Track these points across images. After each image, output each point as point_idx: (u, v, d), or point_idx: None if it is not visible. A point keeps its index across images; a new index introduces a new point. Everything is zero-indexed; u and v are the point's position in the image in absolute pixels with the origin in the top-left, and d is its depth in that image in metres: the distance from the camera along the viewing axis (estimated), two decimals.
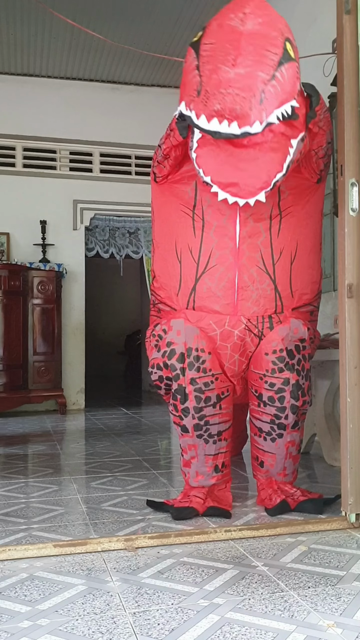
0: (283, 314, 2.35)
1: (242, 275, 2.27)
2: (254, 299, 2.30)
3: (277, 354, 2.31)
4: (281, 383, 2.31)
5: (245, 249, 2.27)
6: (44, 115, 6.45)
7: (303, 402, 2.35)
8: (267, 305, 2.33)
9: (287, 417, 2.33)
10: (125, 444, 4.09)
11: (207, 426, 2.35)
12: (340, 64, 2.21)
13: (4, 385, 5.64)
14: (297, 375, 2.32)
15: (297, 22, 4.50)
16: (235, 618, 1.47)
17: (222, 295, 2.29)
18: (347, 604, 1.54)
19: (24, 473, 3.22)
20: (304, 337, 2.36)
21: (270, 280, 2.31)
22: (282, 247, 2.32)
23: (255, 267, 2.28)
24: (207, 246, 2.29)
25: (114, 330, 11.58)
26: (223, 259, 2.28)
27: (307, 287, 2.41)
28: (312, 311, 2.48)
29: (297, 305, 2.40)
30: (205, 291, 2.31)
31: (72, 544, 1.98)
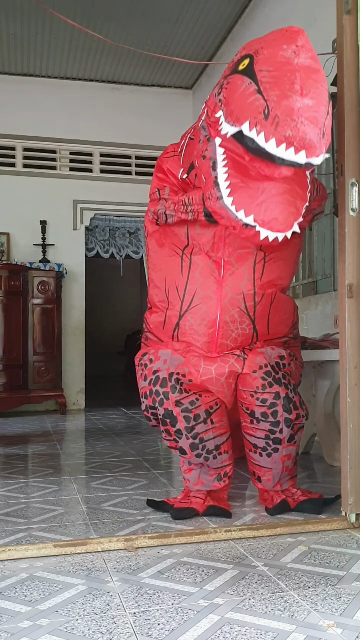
0: (257, 344, 2.44)
1: (223, 315, 2.35)
2: (232, 338, 2.39)
3: (264, 369, 2.34)
4: (272, 398, 2.31)
5: (228, 291, 2.34)
6: (44, 115, 6.45)
7: (297, 416, 2.33)
8: (244, 342, 2.42)
9: (281, 431, 2.31)
10: (125, 444, 4.09)
11: (202, 443, 2.35)
12: (340, 64, 2.21)
13: (4, 385, 5.64)
14: (285, 388, 2.33)
15: (297, 22, 4.50)
16: (235, 618, 1.47)
17: (202, 333, 2.38)
18: (347, 604, 1.54)
19: (24, 473, 3.22)
20: (282, 355, 2.42)
21: (250, 321, 2.38)
22: (264, 290, 2.38)
23: (237, 308, 2.35)
24: (193, 285, 2.37)
25: (114, 330, 11.58)
26: (206, 299, 2.35)
27: (282, 323, 2.48)
28: (286, 341, 2.53)
29: (271, 338, 2.47)
30: (188, 328, 2.40)
31: (72, 544, 1.98)
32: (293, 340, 2.58)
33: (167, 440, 2.41)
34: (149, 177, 6.67)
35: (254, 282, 2.35)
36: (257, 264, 2.34)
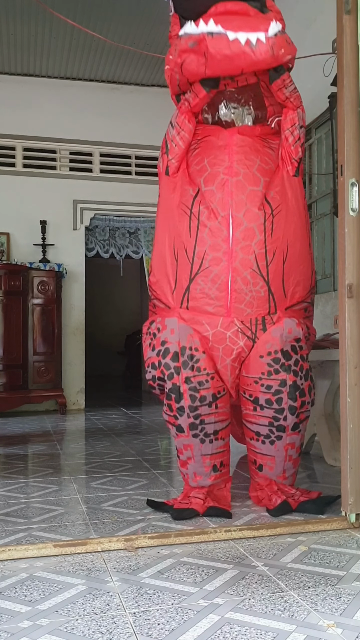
0: (276, 315, 2.34)
1: (235, 278, 2.26)
2: (247, 302, 2.28)
3: (272, 356, 2.29)
4: (278, 385, 2.29)
5: (239, 251, 2.26)
6: (44, 115, 6.44)
7: (302, 403, 2.32)
8: (260, 307, 2.30)
9: (285, 419, 2.31)
10: (125, 444, 4.09)
11: (202, 425, 2.33)
12: (340, 64, 2.21)
13: (4, 385, 5.64)
14: (294, 376, 2.30)
15: (297, 22, 4.50)
16: (235, 618, 1.47)
17: (215, 297, 2.28)
18: (347, 604, 1.54)
19: (24, 473, 3.22)
20: (299, 337, 2.34)
21: (264, 282, 2.29)
22: (275, 247, 2.30)
23: (249, 269, 2.27)
24: (202, 247, 2.29)
25: (114, 330, 11.58)
26: (216, 261, 2.27)
27: (299, 284, 2.39)
28: (306, 308, 2.46)
29: (290, 304, 2.38)
30: (199, 292, 2.30)
31: (72, 544, 1.98)
32: (311, 306, 2.51)
33: (167, 414, 2.39)
34: (149, 177, 6.71)
35: (264, 240, 2.27)
36: (267, 220, 2.28)
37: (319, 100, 3.99)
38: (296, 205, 2.38)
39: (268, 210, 2.29)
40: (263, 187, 2.29)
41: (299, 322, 2.36)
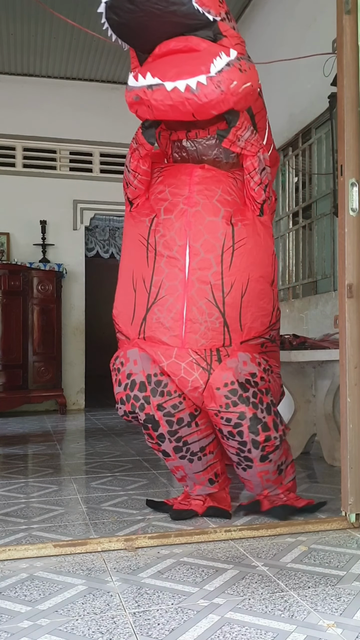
0: (231, 347, 2.26)
1: (190, 307, 2.22)
2: (202, 332, 2.22)
3: (229, 387, 2.18)
4: (237, 417, 2.19)
5: (195, 280, 2.22)
6: (44, 115, 6.44)
7: (266, 437, 2.20)
8: (215, 339, 2.24)
9: (250, 451, 2.23)
10: (125, 444, 4.09)
11: (187, 446, 2.30)
12: (340, 64, 2.21)
13: (3, 385, 5.64)
14: (253, 408, 2.19)
15: (297, 22, 4.50)
16: (235, 618, 1.47)
17: (170, 326, 2.24)
18: (347, 604, 1.54)
19: (24, 473, 3.22)
20: (254, 372, 2.24)
21: (219, 313, 2.23)
22: (233, 280, 2.24)
23: (205, 299, 2.22)
24: (159, 277, 2.26)
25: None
26: (172, 290, 2.23)
27: (257, 320, 2.30)
28: (263, 343, 2.36)
29: (246, 338, 2.29)
30: (155, 322, 2.26)
31: (72, 544, 1.98)
32: (271, 343, 2.41)
33: (149, 442, 2.35)
34: None
35: (222, 271, 2.23)
36: (225, 252, 2.24)
37: (319, 100, 3.99)
38: (263, 242, 2.33)
39: (229, 242, 2.24)
40: (224, 217, 2.25)
41: (253, 357, 2.27)
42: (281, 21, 4.80)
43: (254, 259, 2.28)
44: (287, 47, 4.55)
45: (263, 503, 2.34)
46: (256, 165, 2.28)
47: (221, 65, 2.00)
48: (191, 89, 1.98)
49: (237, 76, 2.02)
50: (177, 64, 2.05)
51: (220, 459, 2.43)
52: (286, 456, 2.36)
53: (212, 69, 1.98)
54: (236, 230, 2.25)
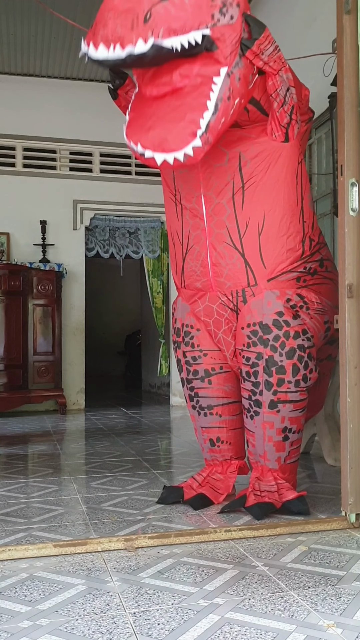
0: (257, 287, 2.30)
1: (212, 252, 2.34)
2: (226, 274, 2.33)
3: (251, 328, 2.29)
4: (255, 357, 2.28)
5: (213, 226, 2.32)
6: (44, 115, 6.44)
7: (279, 381, 2.25)
8: (238, 279, 2.32)
9: (261, 393, 2.28)
10: (125, 444, 4.09)
11: (197, 398, 2.50)
12: (340, 64, 2.21)
13: (4, 385, 5.64)
14: (271, 350, 2.24)
15: (297, 22, 4.50)
16: (235, 618, 1.47)
17: (200, 273, 2.39)
18: (347, 604, 1.54)
19: (24, 473, 3.22)
20: (279, 310, 2.25)
21: (239, 255, 2.30)
22: (248, 220, 2.28)
23: (223, 243, 2.31)
24: (186, 228, 2.41)
25: (114, 330, 11.57)
26: (198, 239, 2.37)
27: (282, 255, 2.29)
28: (299, 277, 2.34)
29: (273, 275, 2.30)
30: (189, 270, 2.43)
31: (72, 544, 1.98)
32: (310, 276, 2.37)
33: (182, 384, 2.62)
34: (149, 177, 6.71)
35: (234, 213, 2.28)
36: (236, 194, 2.27)
37: (319, 100, 3.99)
38: (285, 173, 2.29)
39: (238, 184, 2.27)
40: (230, 160, 2.25)
41: (281, 295, 2.27)
42: (281, 21, 4.80)
43: (270, 194, 2.27)
44: (287, 47, 4.54)
45: (248, 498, 2.32)
46: (278, 84, 2.19)
47: (208, 117, 1.94)
48: (179, 160, 1.94)
49: (225, 110, 1.98)
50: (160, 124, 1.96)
51: (228, 428, 2.50)
52: (297, 425, 2.33)
53: (199, 133, 1.93)
54: (244, 170, 2.26)
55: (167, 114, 1.96)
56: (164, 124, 1.96)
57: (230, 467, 2.54)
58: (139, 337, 9.99)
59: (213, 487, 2.46)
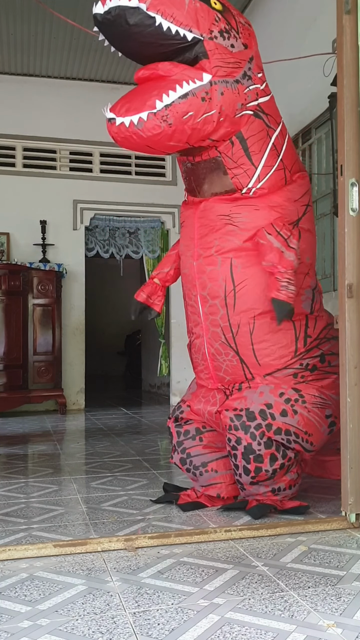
0: (254, 381, 2.36)
1: (210, 349, 2.42)
2: (224, 370, 2.40)
3: (237, 412, 2.29)
4: (234, 441, 2.28)
5: (209, 325, 2.39)
6: (44, 115, 6.44)
7: (257, 469, 2.25)
8: (236, 375, 2.38)
9: (241, 476, 2.30)
10: (125, 444, 4.09)
11: (189, 459, 2.48)
12: (340, 64, 2.21)
13: (4, 385, 5.64)
14: (250, 438, 2.24)
15: (297, 22, 4.50)
16: (235, 618, 1.47)
17: (202, 366, 2.48)
18: (347, 604, 1.54)
19: (24, 473, 3.22)
20: (269, 403, 2.27)
21: (234, 352, 2.35)
22: (239, 321, 2.32)
23: (219, 341, 2.38)
24: (189, 323, 2.53)
25: (114, 330, 11.58)
26: (198, 335, 2.47)
27: (274, 353, 2.33)
28: (295, 374, 2.35)
29: (269, 371, 2.34)
30: (194, 361, 2.54)
31: (72, 544, 1.98)
32: (309, 372, 2.37)
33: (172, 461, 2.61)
34: (149, 177, 6.71)
35: (227, 314, 2.33)
36: (228, 296, 2.32)
37: (319, 100, 3.99)
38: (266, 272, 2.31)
39: (230, 287, 2.32)
40: (222, 265, 2.32)
41: (276, 389, 2.30)
42: (281, 21, 4.80)
43: (259, 297, 2.31)
44: (287, 47, 4.55)
45: (250, 502, 2.36)
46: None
47: (173, 97, 2.03)
48: (134, 125, 2.04)
49: (196, 106, 2.07)
50: (132, 97, 2.11)
51: (227, 483, 2.47)
52: (287, 485, 2.33)
53: (157, 105, 2.02)
54: (235, 274, 2.33)
55: (141, 92, 2.10)
56: (133, 96, 2.11)
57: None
58: (139, 337, 10.00)
59: (210, 499, 2.47)
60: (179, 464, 2.53)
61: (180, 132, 2.08)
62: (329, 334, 2.49)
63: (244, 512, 2.33)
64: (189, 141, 2.15)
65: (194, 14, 2.06)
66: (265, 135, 2.30)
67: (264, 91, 2.31)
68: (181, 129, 2.07)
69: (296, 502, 2.36)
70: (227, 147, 2.25)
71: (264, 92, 2.31)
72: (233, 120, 2.19)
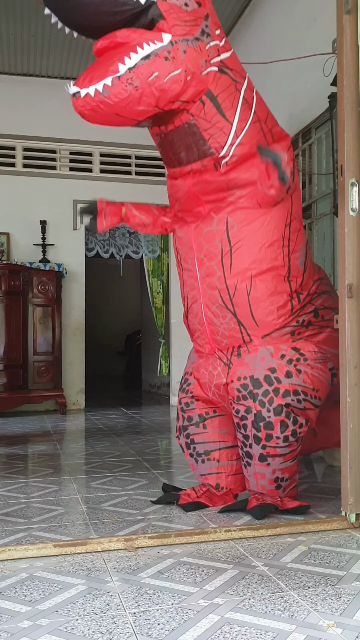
0: (252, 343, 2.35)
1: (207, 312, 2.41)
2: (221, 333, 2.39)
3: (242, 382, 2.31)
4: (244, 411, 2.29)
5: (206, 287, 2.38)
6: (44, 115, 6.44)
7: (267, 436, 2.25)
8: (233, 338, 2.37)
9: (251, 446, 2.29)
10: (125, 444, 4.09)
11: (193, 445, 2.49)
12: (340, 64, 2.21)
13: (4, 385, 5.64)
14: (260, 405, 2.25)
15: (297, 22, 4.50)
16: (235, 618, 1.47)
17: (199, 330, 2.47)
18: (347, 604, 1.54)
19: (24, 473, 3.22)
20: (272, 367, 2.27)
21: (231, 314, 2.34)
22: (236, 282, 2.32)
23: (216, 303, 2.37)
24: (186, 288, 2.51)
25: (114, 330, 11.58)
26: (194, 299, 2.46)
27: (272, 313, 2.33)
28: (293, 331, 2.37)
29: (267, 332, 2.34)
30: (191, 327, 2.53)
31: (72, 544, 1.98)
32: (304, 328, 2.38)
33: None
34: (149, 177, 6.71)
35: (224, 275, 2.33)
36: (224, 257, 2.32)
37: (319, 100, 3.99)
38: (266, 238, 2.32)
39: (226, 247, 2.32)
40: (217, 224, 2.32)
41: (275, 351, 2.31)
42: (281, 21, 4.80)
43: (256, 256, 2.32)
44: (287, 47, 4.55)
45: (250, 501, 2.34)
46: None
47: (136, 60, 1.99)
48: (99, 93, 1.99)
49: (160, 67, 2.02)
50: (93, 68, 2.07)
51: (228, 473, 2.48)
52: (290, 473, 2.33)
53: (120, 68, 1.98)
54: (231, 233, 2.31)
55: (102, 61, 2.06)
56: (95, 67, 2.06)
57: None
58: (139, 337, 9.99)
59: (210, 498, 2.46)
60: (184, 446, 2.56)
61: (148, 94, 2.03)
62: (319, 288, 2.51)
63: (245, 512, 2.33)
64: (158, 104, 2.08)
65: None
66: (234, 90, 2.24)
67: (224, 47, 2.23)
68: (149, 91, 2.03)
69: (297, 502, 2.36)
70: (199, 108, 2.18)
71: (225, 48, 2.23)
72: (200, 78, 2.13)
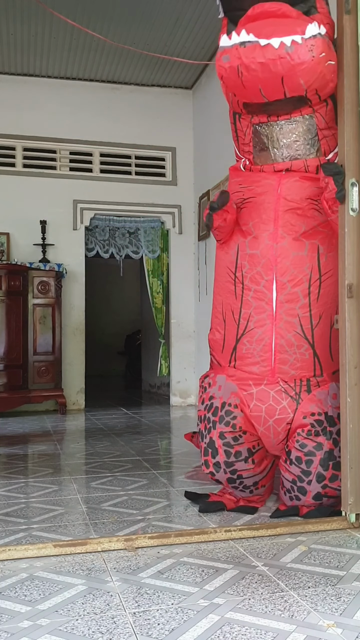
0: (322, 377, 2.29)
1: (279, 339, 2.26)
2: (291, 363, 2.27)
3: (315, 417, 2.24)
4: (313, 447, 2.22)
5: (283, 314, 2.26)
6: (44, 115, 6.44)
7: (332, 477, 2.21)
8: (304, 369, 2.28)
9: (309, 483, 2.23)
10: (125, 444, 4.09)
11: (240, 480, 2.37)
12: (340, 63, 2.21)
13: (4, 385, 5.64)
14: (333, 444, 2.22)
15: None
16: (235, 618, 1.47)
17: (260, 357, 2.30)
18: (347, 604, 1.54)
19: (24, 473, 3.22)
20: None
21: (308, 345, 2.26)
22: (322, 312, 2.27)
23: (293, 332, 2.26)
24: (247, 310, 2.32)
25: (114, 330, 11.57)
26: (261, 323, 2.29)
27: None
28: None
29: (336, 369, 2.28)
30: (245, 352, 2.33)
31: (72, 544, 1.98)
32: None
33: (205, 471, 2.41)
34: (149, 177, 6.71)
35: (309, 303, 2.25)
36: (312, 285, 2.24)
37: None
38: None
39: (315, 275, 2.25)
40: (309, 251, 2.25)
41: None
42: None
43: None
44: None
45: (302, 508, 2.30)
46: None
47: (315, 31, 2.00)
48: (285, 46, 1.97)
49: (327, 49, 2.04)
50: (272, 24, 2.02)
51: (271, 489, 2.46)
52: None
53: (307, 32, 1.98)
54: (322, 262, 2.25)
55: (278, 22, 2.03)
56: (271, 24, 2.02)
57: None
58: (139, 337, 9.99)
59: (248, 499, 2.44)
60: (225, 482, 2.39)
61: (313, 70, 2.02)
62: None
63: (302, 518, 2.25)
64: (312, 84, 2.06)
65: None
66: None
67: None
68: (315, 67, 2.02)
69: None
70: (322, 107, 2.20)
71: None
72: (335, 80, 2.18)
